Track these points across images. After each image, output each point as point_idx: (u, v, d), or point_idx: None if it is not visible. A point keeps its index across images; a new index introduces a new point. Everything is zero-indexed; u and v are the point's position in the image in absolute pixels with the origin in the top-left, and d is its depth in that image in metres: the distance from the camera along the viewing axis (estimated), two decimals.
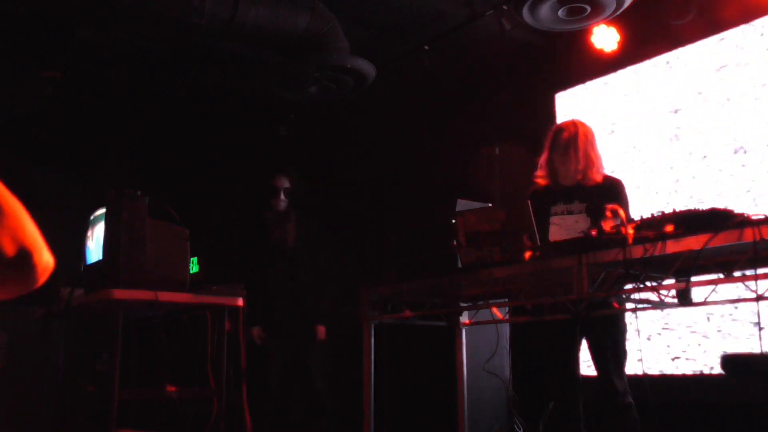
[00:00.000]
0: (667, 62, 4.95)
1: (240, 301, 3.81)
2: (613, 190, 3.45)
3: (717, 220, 2.42)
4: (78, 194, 7.76)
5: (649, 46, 5.04)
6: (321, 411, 4.74)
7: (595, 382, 3.44)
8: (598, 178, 3.49)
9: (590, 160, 3.48)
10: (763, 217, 2.35)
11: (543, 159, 3.62)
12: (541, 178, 3.63)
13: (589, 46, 5.19)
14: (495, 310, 3.74)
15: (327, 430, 4.77)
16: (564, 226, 3.40)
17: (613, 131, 5.24)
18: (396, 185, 6.57)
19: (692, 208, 2.55)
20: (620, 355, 3.34)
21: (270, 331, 4.81)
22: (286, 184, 4.93)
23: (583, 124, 3.58)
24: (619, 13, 4.54)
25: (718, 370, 4.30)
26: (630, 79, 5.18)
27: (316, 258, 4.95)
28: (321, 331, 4.80)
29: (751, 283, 2.52)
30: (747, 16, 4.50)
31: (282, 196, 4.91)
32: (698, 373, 4.51)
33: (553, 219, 3.47)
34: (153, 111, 7.25)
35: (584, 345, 3.54)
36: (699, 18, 4.67)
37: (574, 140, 3.49)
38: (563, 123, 3.64)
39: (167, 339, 3.81)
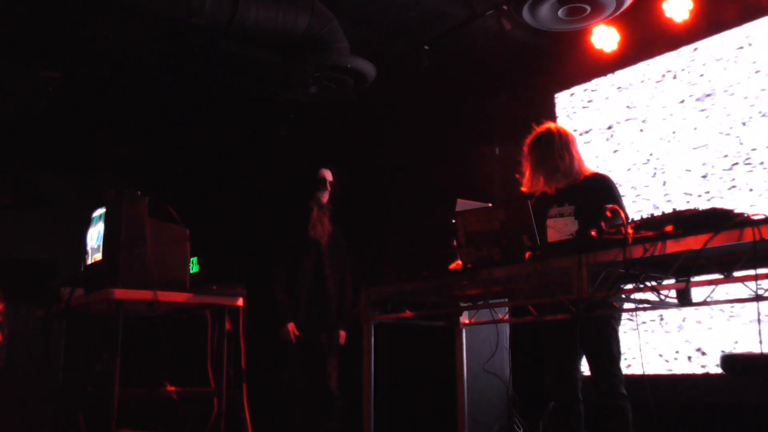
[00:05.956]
0: (671, 59, 4.96)
1: (240, 301, 3.81)
2: (598, 188, 3.43)
3: (717, 220, 2.41)
4: (78, 194, 7.77)
5: (649, 46, 5.04)
6: (334, 412, 4.67)
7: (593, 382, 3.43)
8: (581, 177, 3.48)
9: (571, 160, 3.47)
10: (763, 217, 2.34)
11: (527, 170, 3.59)
12: (535, 188, 3.59)
13: (589, 46, 5.19)
14: (495, 310, 3.73)
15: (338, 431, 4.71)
16: (557, 229, 3.38)
17: (612, 131, 5.24)
18: (396, 185, 6.57)
19: (692, 207, 2.54)
20: (613, 355, 3.33)
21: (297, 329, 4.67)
22: (330, 177, 4.89)
23: (557, 127, 3.57)
24: (619, 13, 4.54)
25: (718, 370, 4.30)
26: (630, 79, 5.19)
27: (343, 257, 4.90)
28: (342, 336, 4.73)
29: (751, 283, 2.52)
30: (747, 15, 4.51)
31: (328, 189, 4.86)
32: (698, 373, 4.51)
33: (549, 222, 3.46)
34: (153, 111, 7.24)
35: None
36: (699, 17, 4.68)
37: (550, 145, 3.48)
38: (537, 131, 3.61)
39: (167, 339, 3.81)
